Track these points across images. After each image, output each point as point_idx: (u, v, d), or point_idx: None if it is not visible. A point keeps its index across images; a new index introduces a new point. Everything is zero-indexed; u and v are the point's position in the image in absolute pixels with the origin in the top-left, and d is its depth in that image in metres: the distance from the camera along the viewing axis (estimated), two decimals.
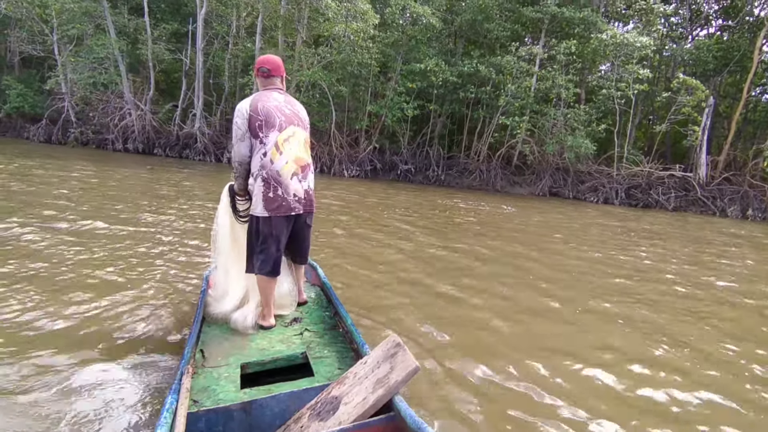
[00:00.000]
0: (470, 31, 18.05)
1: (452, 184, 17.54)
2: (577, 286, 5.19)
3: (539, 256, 6.50)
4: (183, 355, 2.13)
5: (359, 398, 1.73)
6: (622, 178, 16.40)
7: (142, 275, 4.03)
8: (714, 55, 17.92)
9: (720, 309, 4.78)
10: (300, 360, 2.30)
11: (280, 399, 1.90)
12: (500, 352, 3.21)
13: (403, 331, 3.33)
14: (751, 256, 8.26)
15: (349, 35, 15.20)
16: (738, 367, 3.34)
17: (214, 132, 18.21)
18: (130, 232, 5.49)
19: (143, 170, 12.37)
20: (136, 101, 18.06)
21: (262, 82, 2.67)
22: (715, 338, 3.87)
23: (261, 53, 17.24)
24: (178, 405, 1.72)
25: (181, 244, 5.17)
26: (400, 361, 1.76)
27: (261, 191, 2.52)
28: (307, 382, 2.05)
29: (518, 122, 15.78)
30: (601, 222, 11.27)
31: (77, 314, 3.16)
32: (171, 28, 18.46)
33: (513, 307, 4.23)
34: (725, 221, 14.09)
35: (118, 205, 7.04)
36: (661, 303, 4.76)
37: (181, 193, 9.10)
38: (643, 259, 7.03)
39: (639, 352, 3.43)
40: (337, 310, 2.69)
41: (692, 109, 15.95)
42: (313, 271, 3.36)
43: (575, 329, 3.85)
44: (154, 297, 3.57)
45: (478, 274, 5.29)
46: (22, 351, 2.62)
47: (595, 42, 15.13)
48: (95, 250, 4.66)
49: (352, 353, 2.31)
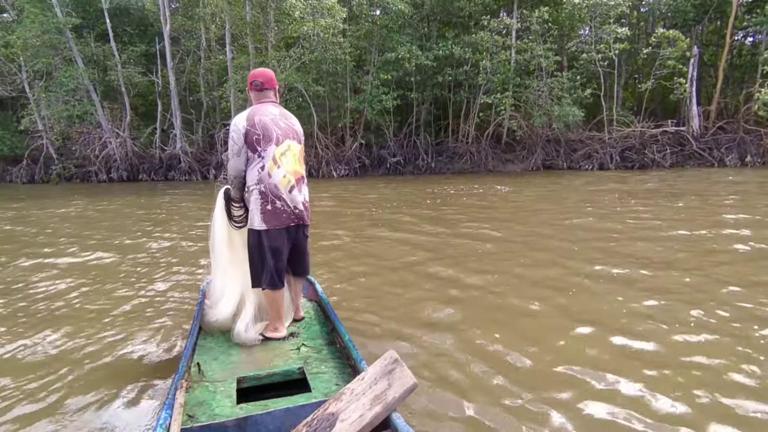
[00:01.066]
0: (442, 13, 17.56)
1: (443, 170, 17.14)
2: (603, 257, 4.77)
3: (556, 233, 6.11)
4: (178, 369, 2.09)
5: (356, 415, 1.69)
6: (614, 141, 15.98)
7: (139, 294, 4.06)
8: (692, 3, 17.40)
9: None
10: (297, 375, 2.25)
11: (276, 415, 1.86)
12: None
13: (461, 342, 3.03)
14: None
15: (319, 33, 14.73)
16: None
17: (197, 150, 17.81)
18: (132, 258, 5.54)
19: (134, 197, 11.99)
20: (114, 129, 17.64)
21: (256, 96, 2.64)
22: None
23: (233, 63, 16.82)
24: (171, 421, 1.69)
25: (182, 263, 5.07)
26: (398, 378, 1.74)
27: (258, 205, 2.50)
28: (304, 398, 2.00)
29: (501, 98, 15.33)
30: (611, 188, 10.88)
31: (69, 336, 3.14)
32: (140, 50, 18.01)
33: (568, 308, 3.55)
34: (725, 171, 13.69)
35: (120, 234, 7.04)
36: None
37: (176, 215, 8.73)
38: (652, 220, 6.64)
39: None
40: (335, 325, 2.64)
41: (676, 62, 15.49)
42: (310, 286, 3.30)
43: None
44: (151, 312, 3.58)
45: (495, 259, 4.85)
46: (17, 372, 2.63)
47: (569, 6, 14.65)
48: (95, 277, 4.66)
49: (349, 369, 2.26)
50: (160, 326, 3.32)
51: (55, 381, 2.55)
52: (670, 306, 3.41)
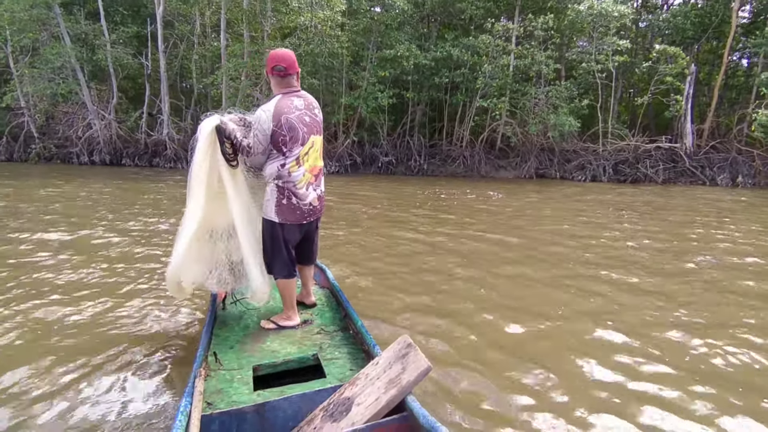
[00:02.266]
0: (443, 14, 17.14)
1: (435, 172, 16.71)
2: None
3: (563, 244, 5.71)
4: (195, 358, 2.12)
5: (372, 399, 1.71)
6: (608, 154, 15.71)
7: (152, 283, 4.02)
8: (692, 22, 17.25)
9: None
10: (311, 362, 2.28)
11: (293, 401, 1.88)
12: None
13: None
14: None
15: (317, 25, 14.21)
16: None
17: (184, 137, 17.10)
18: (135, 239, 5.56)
19: (113, 182, 11.35)
20: (99, 110, 16.88)
21: (279, 83, 2.43)
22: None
23: (227, 51, 16.20)
24: (192, 408, 1.72)
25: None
26: (412, 361, 1.74)
27: (275, 197, 2.47)
28: (320, 384, 2.02)
29: (497, 103, 14.96)
30: (607, 201, 10.55)
31: (88, 322, 3.17)
32: (131, 32, 17.26)
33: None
34: (716, 190, 13.49)
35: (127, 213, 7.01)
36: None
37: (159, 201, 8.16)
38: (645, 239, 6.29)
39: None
40: (347, 311, 2.65)
41: (674, 78, 15.29)
42: (322, 274, 3.31)
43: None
44: (165, 302, 3.53)
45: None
46: (35, 358, 2.65)
47: (572, 13, 14.33)
48: (99, 260, 4.68)
49: (363, 354, 2.28)
50: (172, 311, 3.33)
51: (73, 367, 2.55)
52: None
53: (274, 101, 2.39)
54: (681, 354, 2.97)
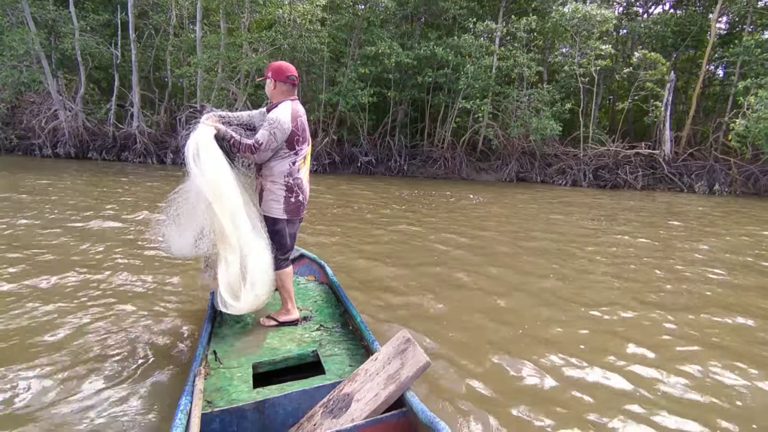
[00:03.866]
0: (426, 12, 16.62)
1: (416, 174, 16.16)
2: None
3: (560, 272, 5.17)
4: (195, 357, 2.08)
5: (371, 395, 1.69)
6: (589, 159, 15.41)
7: (150, 281, 3.89)
8: (672, 30, 17.12)
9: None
10: (311, 358, 2.23)
11: (293, 398, 1.85)
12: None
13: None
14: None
15: (296, 18, 13.47)
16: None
17: (156, 131, 16.15)
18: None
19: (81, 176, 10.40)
20: (66, 101, 15.78)
21: (288, 91, 2.57)
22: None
23: (201, 42, 15.32)
24: (192, 406, 1.68)
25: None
26: (411, 357, 1.72)
27: (283, 196, 2.54)
28: (319, 380, 1.99)
29: (480, 105, 14.47)
30: (596, 207, 10.13)
31: (86, 322, 3.06)
32: (102, 19, 16.20)
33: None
34: (693, 197, 13.29)
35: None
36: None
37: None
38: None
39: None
40: (347, 307, 2.61)
41: (654, 85, 15.08)
42: (321, 270, 3.24)
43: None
44: (163, 301, 3.47)
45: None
46: (33, 357, 2.58)
47: (556, 16, 13.94)
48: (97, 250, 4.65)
49: (362, 350, 2.25)
50: (171, 310, 3.28)
51: (70, 365, 2.50)
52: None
53: (289, 104, 2.50)
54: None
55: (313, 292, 2.98)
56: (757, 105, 13.15)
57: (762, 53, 14.63)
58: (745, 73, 15.48)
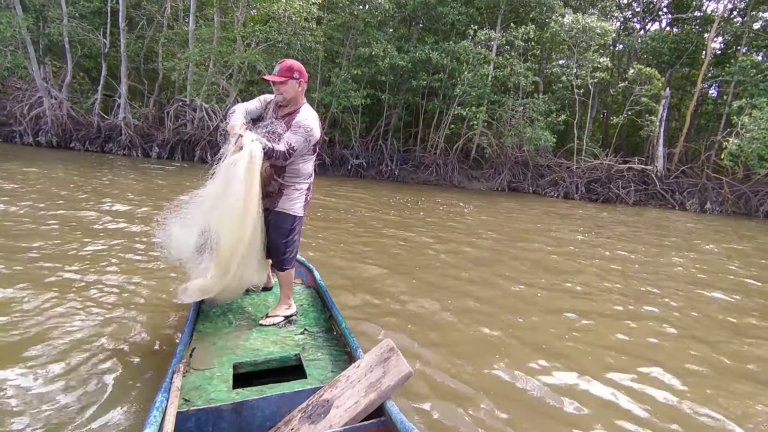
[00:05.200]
0: (425, 16, 16.25)
1: (407, 179, 15.74)
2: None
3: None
4: (175, 354, 2.02)
5: (351, 402, 1.67)
6: (582, 172, 15.13)
7: (131, 276, 3.75)
8: (669, 47, 16.98)
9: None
10: (293, 362, 2.19)
11: (272, 400, 1.81)
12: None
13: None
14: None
15: (291, 15, 13.02)
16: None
17: (143, 123, 15.56)
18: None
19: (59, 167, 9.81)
20: (50, 88, 15.15)
21: (303, 92, 2.53)
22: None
23: (194, 35, 14.80)
24: (168, 404, 1.64)
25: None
26: (393, 366, 1.70)
27: (304, 194, 2.57)
28: (300, 385, 1.94)
29: (475, 113, 14.12)
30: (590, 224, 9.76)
31: (64, 315, 2.92)
32: (92, 6, 15.60)
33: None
34: (684, 215, 13.04)
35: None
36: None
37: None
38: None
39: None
40: (332, 312, 2.57)
41: (649, 99, 14.86)
42: (309, 274, 3.20)
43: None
44: (144, 296, 3.36)
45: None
46: (12, 350, 2.48)
47: (555, 26, 13.65)
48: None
49: (345, 356, 2.20)
50: (153, 306, 3.16)
51: (45, 362, 2.39)
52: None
53: (311, 109, 2.51)
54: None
55: (300, 296, 2.93)
56: (751, 125, 12.96)
57: (757, 74, 14.49)
58: (738, 93, 15.34)
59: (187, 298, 2.38)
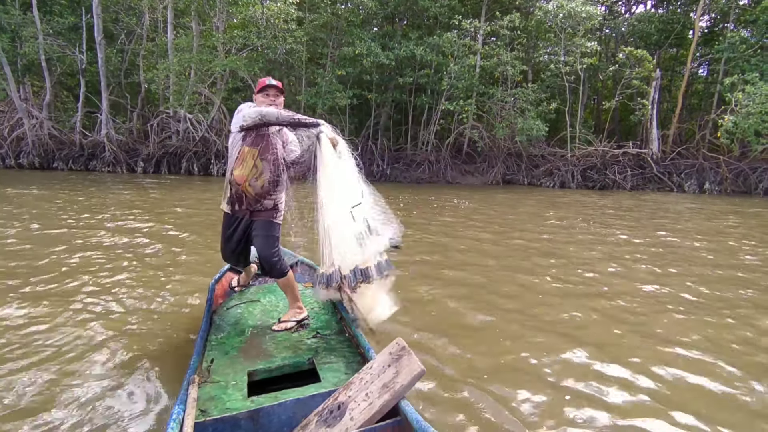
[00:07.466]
0: (407, 12, 15.80)
1: (399, 178, 15.29)
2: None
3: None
4: (189, 365, 2.00)
5: (365, 404, 1.66)
6: (576, 160, 14.70)
7: (146, 289, 3.64)
8: (656, 27, 16.57)
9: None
10: (306, 366, 2.16)
11: (287, 406, 1.78)
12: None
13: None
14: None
15: (269, 18, 12.55)
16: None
17: (128, 138, 15.07)
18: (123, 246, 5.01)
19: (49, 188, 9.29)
20: (30, 108, 14.64)
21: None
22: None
23: (174, 44, 14.31)
24: (185, 415, 1.63)
25: (185, 260, 4.50)
26: (406, 365, 1.69)
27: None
28: (314, 389, 1.92)
29: (464, 106, 13.67)
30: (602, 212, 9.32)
31: (81, 329, 2.88)
32: (67, 22, 15.11)
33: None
34: (684, 196, 12.62)
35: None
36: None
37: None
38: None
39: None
40: (343, 315, 2.51)
41: (640, 82, 14.44)
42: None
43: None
44: (158, 310, 3.26)
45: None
46: (27, 362, 2.48)
47: (540, 13, 13.21)
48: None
49: (359, 358, 2.17)
50: (167, 318, 3.11)
51: (65, 373, 2.38)
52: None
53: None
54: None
55: (309, 299, 2.87)
56: (745, 101, 12.56)
57: (747, 49, 14.10)
58: (729, 69, 14.95)
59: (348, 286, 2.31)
